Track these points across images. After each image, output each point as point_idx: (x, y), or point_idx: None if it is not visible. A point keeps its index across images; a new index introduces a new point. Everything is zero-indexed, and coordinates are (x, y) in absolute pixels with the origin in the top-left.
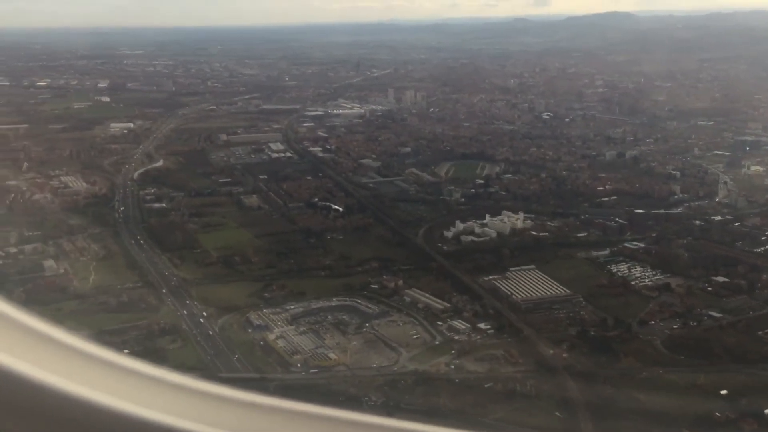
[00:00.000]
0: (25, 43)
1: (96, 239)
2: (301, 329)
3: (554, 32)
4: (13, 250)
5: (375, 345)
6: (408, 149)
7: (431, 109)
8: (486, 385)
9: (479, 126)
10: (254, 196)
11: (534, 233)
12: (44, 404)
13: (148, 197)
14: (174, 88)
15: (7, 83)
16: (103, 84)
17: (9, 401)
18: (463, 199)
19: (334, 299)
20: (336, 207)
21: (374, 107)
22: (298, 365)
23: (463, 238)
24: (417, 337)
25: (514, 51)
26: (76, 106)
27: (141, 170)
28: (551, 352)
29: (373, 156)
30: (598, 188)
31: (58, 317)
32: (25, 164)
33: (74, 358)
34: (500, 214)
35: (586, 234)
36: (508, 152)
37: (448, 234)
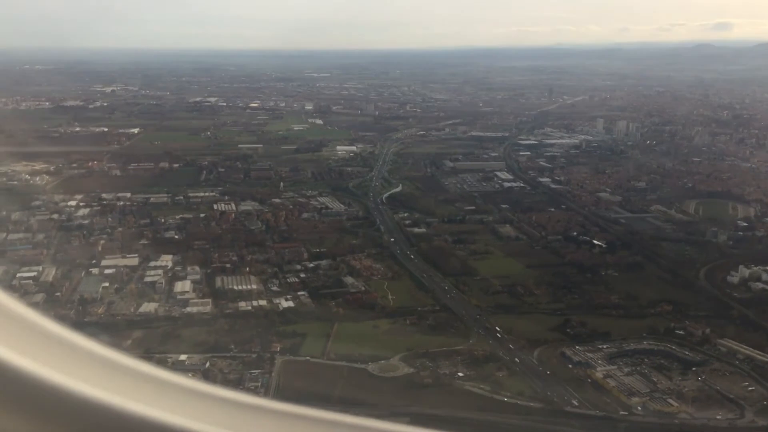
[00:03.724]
0: (221, 64)
1: (376, 259)
2: (626, 370)
3: (745, 59)
4: (310, 264)
5: (709, 394)
6: (643, 184)
7: (647, 142)
8: None
9: (710, 162)
10: (507, 225)
11: None
12: (46, 401)
13: (406, 221)
14: (377, 113)
15: (225, 104)
16: (309, 106)
17: (11, 398)
18: (731, 242)
19: (645, 342)
20: (597, 242)
21: (586, 137)
22: (639, 408)
23: (752, 284)
24: (752, 389)
25: (708, 79)
26: (295, 128)
27: (386, 194)
28: None
29: (608, 190)
30: None
31: (377, 335)
32: (281, 183)
33: (75, 355)
34: None
35: None
36: (758, 192)
37: (733, 279)
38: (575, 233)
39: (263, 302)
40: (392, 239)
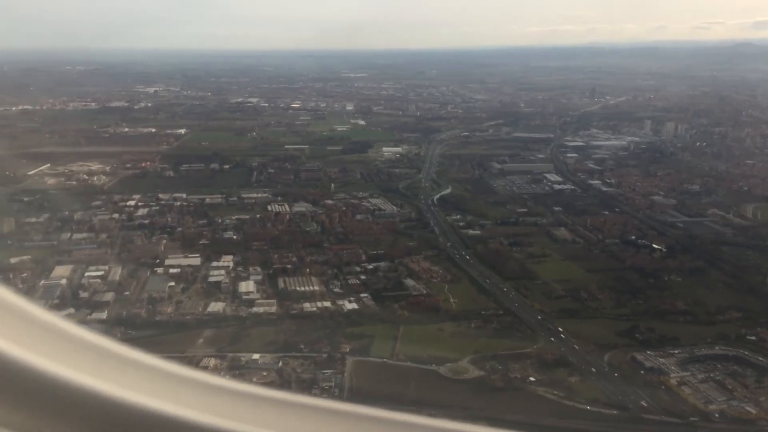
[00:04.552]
0: (257, 65)
1: (434, 262)
2: (700, 377)
3: None
4: (369, 266)
5: None
6: (697, 187)
7: (697, 144)
8: None
9: (765, 165)
10: (562, 228)
11: None
12: (48, 395)
13: (460, 223)
14: (418, 113)
15: (266, 104)
16: (349, 107)
17: (13, 391)
18: None
19: (716, 348)
20: (657, 246)
21: (633, 139)
22: (716, 416)
23: None
24: None
25: (753, 79)
26: (339, 129)
27: (436, 196)
28: None
29: (662, 193)
30: None
31: (443, 337)
32: (332, 185)
33: (78, 349)
34: None
35: None
36: None
37: None
38: (633, 237)
39: (327, 303)
40: (447, 241)
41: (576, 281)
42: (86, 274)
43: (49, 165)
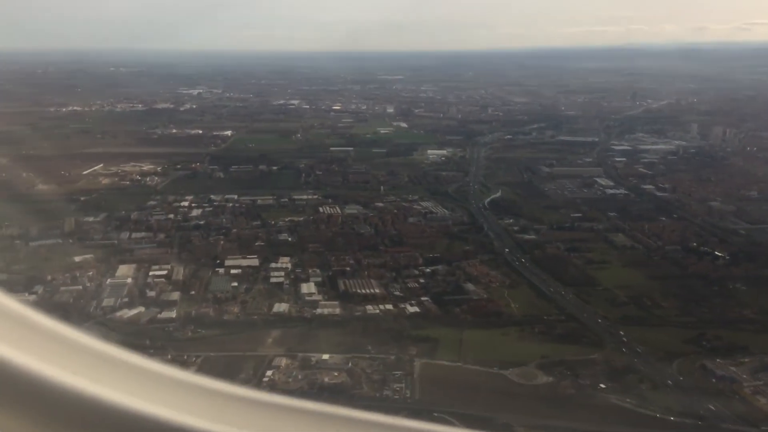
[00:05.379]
0: (294, 66)
1: (491, 266)
2: None
3: None
4: (427, 269)
5: None
6: (755, 193)
7: (747, 148)
8: None
9: None
10: (620, 234)
11: None
12: (47, 398)
13: (514, 228)
14: (460, 116)
15: (308, 106)
16: (390, 109)
17: (12, 396)
18: None
19: None
20: (719, 253)
21: (681, 143)
22: None
23: None
24: None
25: None
26: (381, 132)
27: (487, 200)
28: None
29: (719, 199)
30: None
31: (508, 342)
32: (382, 188)
33: (80, 355)
34: None
35: None
36: None
37: None
38: (694, 244)
39: (389, 306)
40: (503, 246)
41: (638, 288)
42: (150, 273)
43: (102, 165)
